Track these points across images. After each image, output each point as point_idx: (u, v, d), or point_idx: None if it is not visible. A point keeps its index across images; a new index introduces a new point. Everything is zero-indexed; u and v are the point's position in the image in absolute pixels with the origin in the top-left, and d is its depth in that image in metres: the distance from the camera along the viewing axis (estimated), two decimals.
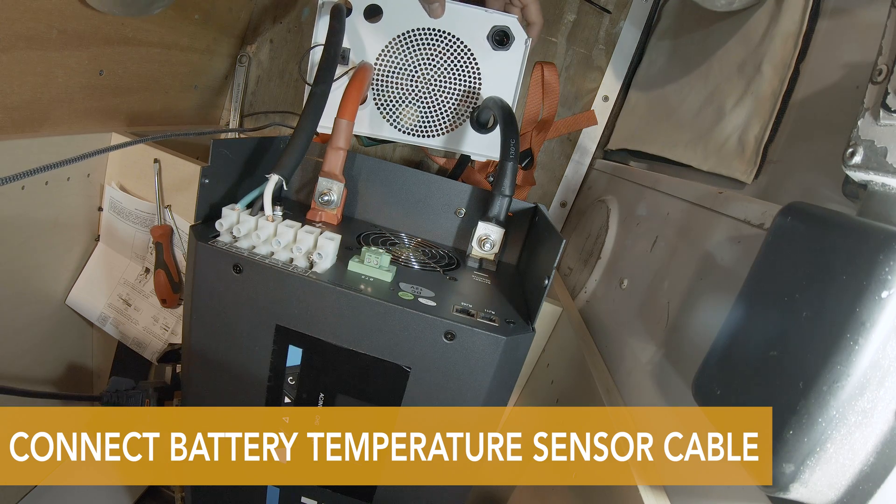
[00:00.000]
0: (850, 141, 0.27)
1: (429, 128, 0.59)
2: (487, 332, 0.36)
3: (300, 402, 0.40)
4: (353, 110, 0.47)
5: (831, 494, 0.22)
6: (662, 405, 0.40)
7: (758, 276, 0.29)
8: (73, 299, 0.76)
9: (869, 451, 0.22)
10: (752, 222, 0.37)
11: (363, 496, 0.43)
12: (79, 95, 0.67)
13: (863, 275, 0.21)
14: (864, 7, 0.43)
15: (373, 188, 0.54)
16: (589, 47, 0.95)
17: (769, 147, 0.49)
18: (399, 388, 0.38)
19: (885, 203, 0.26)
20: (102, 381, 0.87)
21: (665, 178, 0.60)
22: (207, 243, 0.37)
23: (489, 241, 0.48)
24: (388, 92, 0.58)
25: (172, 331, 0.76)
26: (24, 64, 0.57)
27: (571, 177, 1.01)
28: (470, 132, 0.59)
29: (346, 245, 0.44)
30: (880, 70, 0.26)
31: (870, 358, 0.21)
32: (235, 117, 1.06)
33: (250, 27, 1.02)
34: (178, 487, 0.71)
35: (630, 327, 0.51)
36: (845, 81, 0.42)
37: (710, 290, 0.40)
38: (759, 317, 0.28)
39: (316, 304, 0.37)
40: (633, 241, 0.60)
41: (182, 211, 0.70)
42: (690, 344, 0.40)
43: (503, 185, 0.47)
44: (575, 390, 0.52)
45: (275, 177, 0.39)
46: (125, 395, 0.60)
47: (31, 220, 0.63)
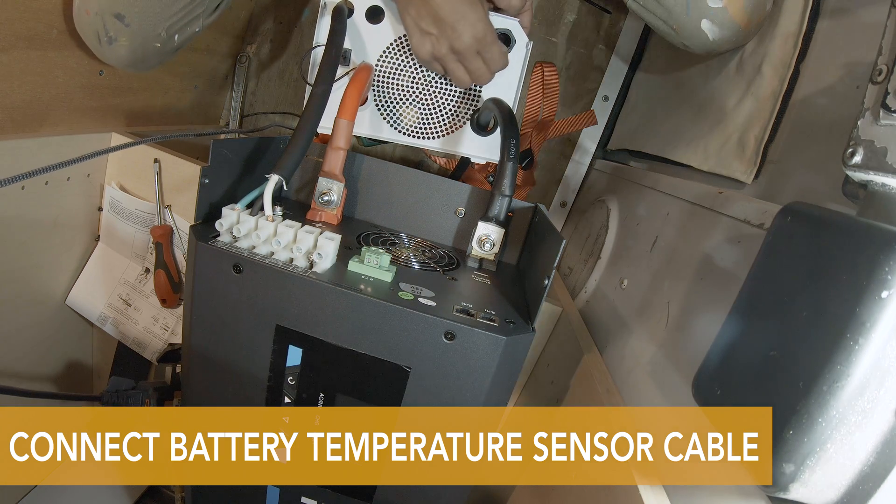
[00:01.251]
0: (850, 141, 0.27)
1: (429, 129, 0.59)
2: (487, 332, 0.36)
3: (300, 402, 0.40)
4: (354, 110, 0.47)
5: (831, 494, 0.22)
6: (662, 405, 0.40)
7: (758, 276, 0.29)
8: (73, 299, 0.76)
9: (869, 451, 0.22)
10: (752, 222, 0.37)
11: (363, 496, 0.43)
12: (79, 95, 0.67)
13: (863, 275, 0.21)
14: (864, 7, 0.43)
15: (373, 188, 0.54)
16: (589, 47, 0.95)
17: (769, 147, 0.49)
18: (399, 388, 0.38)
19: (885, 203, 0.26)
20: (102, 381, 0.87)
21: (665, 178, 0.60)
22: (207, 243, 0.37)
23: (489, 241, 0.48)
24: (389, 93, 0.58)
25: (172, 331, 0.76)
26: (24, 64, 0.57)
27: (571, 177, 1.01)
28: (470, 134, 0.59)
29: (346, 245, 0.44)
30: (880, 70, 0.26)
31: (870, 358, 0.21)
32: (235, 117, 1.07)
33: (250, 27, 1.02)
34: (178, 487, 0.71)
35: (630, 327, 0.51)
36: (845, 81, 0.42)
37: (710, 290, 0.40)
38: (760, 317, 0.28)
39: (316, 304, 0.37)
40: (633, 241, 0.60)
41: (182, 211, 0.70)
42: (690, 344, 0.40)
43: (503, 185, 0.47)
44: (575, 390, 0.52)
45: (275, 177, 0.39)
46: (125, 395, 0.60)
47: (31, 220, 0.63)
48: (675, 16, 0.54)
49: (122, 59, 0.62)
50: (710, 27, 0.53)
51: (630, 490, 0.36)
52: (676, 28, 0.55)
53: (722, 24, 0.53)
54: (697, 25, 0.53)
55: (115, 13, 0.57)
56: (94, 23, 0.58)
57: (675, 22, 0.54)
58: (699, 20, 0.53)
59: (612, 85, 0.95)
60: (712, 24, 0.53)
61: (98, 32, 0.58)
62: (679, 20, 0.54)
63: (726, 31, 0.53)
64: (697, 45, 0.56)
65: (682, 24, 0.54)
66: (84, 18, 0.58)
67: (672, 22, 0.55)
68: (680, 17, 0.54)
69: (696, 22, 0.53)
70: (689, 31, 0.54)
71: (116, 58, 0.62)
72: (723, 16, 0.52)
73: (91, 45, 0.60)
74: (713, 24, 0.53)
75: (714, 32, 0.53)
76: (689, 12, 0.53)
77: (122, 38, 0.59)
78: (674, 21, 0.54)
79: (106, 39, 0.59)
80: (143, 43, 0.60)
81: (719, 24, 0.53)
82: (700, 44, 0.55)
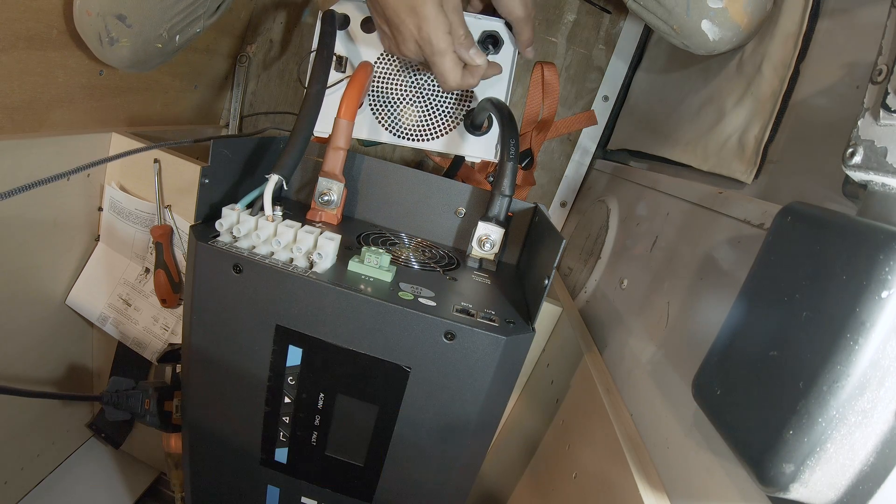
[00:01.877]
0: (850, 141, 0.27)
1: (424, 131, 0.59)
2: (487, 332, 0.36)
3: (300, 402, 0.40)
4: (353, 110, 0.47)
5: (831, 494, 0.22)
6: (662, 405, 0.40)
7: (758, 276, 0.29)
8: (73, 299, 0.76)
9: (869, 451, 0.22)
10: (752, 222, 0.37)
11: (363, 496, 0.43)
12: (79, 95, 0.67)
13: (863, 275, 0.21)
14: (864, 7, 0.43)
15: (373, 188, 0.54)
16: (589, 47, 0.95)
17: (769, 147, 0.49)
18: (399, 388, 0.38)
19: (885, 203, 0.26)
20: (102, 381, 0.87)
21: (665, 178, 0.60)
22: (207, 243, 0.37)
23: (489, 241, 0.48)
24: (385, 98, 0.58)
25: (172, 331, 0.76)
26: (24, 64, 0.57)
27: (571, 177, 1.01)
28: (465, 134, 0.59)
29: (346, 245, 0.44)
30: (880, 70, 0.26)
31: (870, 358, 0.21)
32: (235, 117, 1.06)
33: (250, 27, 1.02)
34: (178, 487, 0.71)
35: (630, 327, 0.51)
36: (845, 81, 0.42)
37: (710, 290, 0.40)
38: (760, 317, 0.28)
39: (316, 304, 0.37)
40: (633, 241, 0.60)
41: (182, 211, 0.70)
42: (690, 344, 0.40)
43: (503, 185, 0.47)
44: (575, 390, 0.52)
45: (275, 177, 0.39)
46: (125, 395, 0.60)
47: (30, 220, 0.63)
48: (676, 16, 0.54)
49: (123, 60, 0.62)
50: (710, 27, 0.53)
51: (630, 490, 0.36)
52: (677, 28, 0.55)
53: (722, 25, 0.53)
54: (698, 26, 0.53)
55: (117, 14, 0.57)
56: (95, 24, 0.58)
57: (675, 22, 0.54)
58: (699, 21, 0.53)
59: (612, 85, 0.95)
60: (713, 24, 0.53)
61: (99, 33, 0.58)
62: (679, 20, 0.54)
63: (727, 32, 0.53)
64: (698, 45, 0.56)
65: (683, 24, 0.54)
66: (85, 19, 0.58)
67: (672, 22, 0.55)
68: (680, 18, 0.54)
69: (697, 22, 0.53)
70: (689, 31, 0.54)
71: (118, 59, 0.62)
72: (723, 16, 0.52)
73: (92, 47, 0.60)
74: (713, 25, 0.53)
75: (714, 33, 0.53)
76: (690, 13, 0.53)
77: (124, 38, 0.59)
78: (674, 21, 0.54)
79: (107, 40, 0.59)
80: (144, 44, 0.60)
81: (720, 25, 0.53)
82: (700, 44, 0.55)
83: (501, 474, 0.64)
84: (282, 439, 0.42)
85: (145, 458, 0.95)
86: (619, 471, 0.39)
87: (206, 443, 0.45)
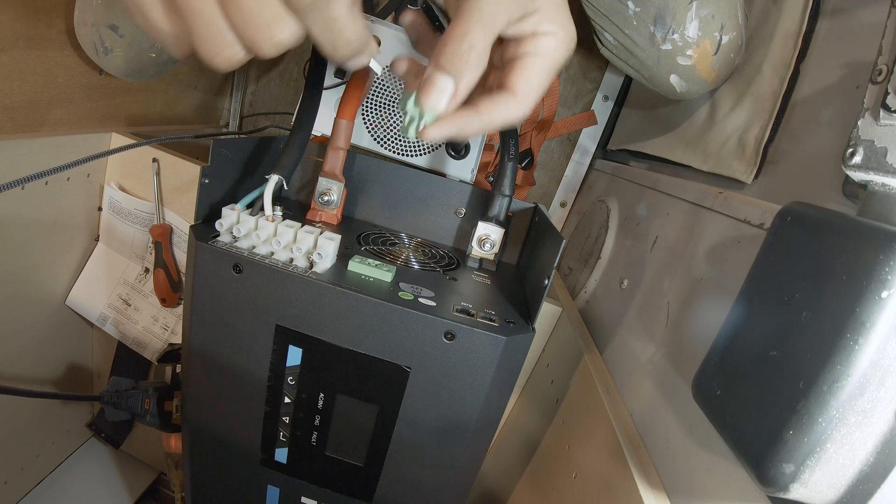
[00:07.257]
0: (850, 141, 0.27)
1: (410, 147, 0.60)
2: (487, 332, 0.36)
3: (300, 402, 0.40)
4: (354, 110, 0.47)
5: (831, 494, 0.22)
6: (662, 405, 0.40)
7: (758, 276, 0.29)
8: (72, 299, 0.76)
9: (869, 451, 0.22)
10: (752, 222, 0.37)
11: (363, 496, 0.43)
12: (79, 95, 0.67)
13: (863, 275, 0.21)
14: (864, 7, 0.43)
15: (373, 188, 0.54)
16: (589, 47, 0.95)
17: (769, 147, 0.49)
18: (399, 388, 0.38)
19: (885, 203, 0.26)
20: (102, 381, 0.87)
21: (665, 178, 0.60)
22: (207, 243, 0.37)
23: (489, 241, 0.48)
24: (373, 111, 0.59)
25: (172, 331, 0.76)
26: (24, 64, 0.57)
27: (571, 177, 1.01)
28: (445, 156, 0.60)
29: (346, 245, 0.44)
30: (880, 70, 0.26)
31: (870, 358, 0.21)
32: (235, 118, 1.07)
33: None
34: (178, 487, 0.71)
35: (630, 327, 0.51)
36: (845, 81, 0.42)
37: (710, 290, 0.40)
38: (760, 317, 0.28)
39: (316, 304, 0.37)
40: (633, 241, 0.60)
41: (182, 211, 0.70)
42: (690, 344, 0.40)
43: (503, 185, 0.47)
44: (575, 390, 0.52)
45: (275, 177, 0.39)
46: (125, 395, 0.60)
47: (30, 220, 0.63)
48: (647, 68, 0.56)
49: (119, 69, 0.63)
50: (678, 81, 0.55)
51: (630, 490, 0.36)
52: (647, 77, 0.58)
53: (690, 80, 0.55)
54: (666, 79, 0.55)
55: (110, 24, 0.58)
56: (90, 34, 0.59)
57: (646, 72, 0.57)
58: (668, 75, 0.55)
59: (612, 85, 0.95)
60: (680, 79, 0.55)
61: (95, 43, 0.59)
62: (650, 72, 0.56)
63: (693, 86, 0.55)
64: (666, 93, 0.58)
65: (653, 75, 0.56)
66: (82, 30, 0.59)
67: (644, 72, 0.57)
68: (651, 70, 0.56)
69: (666, 76, 0.55)
70: (658, 82, 0.57)
71: (114, 68, 0.63)
72: (691, 73, 0.54)
73: (90, 56, 0.62)
74: (681, 80, 0.55)
75: (682, 86, 0.56)
76: (659, 66, 0.55)
77: (118, 48, 0.60)
78: (645, 71, 0.57)
79: (102, 50, 0.60)
80: (137, 54, 0.61)
81: (687, 80, 0.55)
82: (668, 93, 0.58)
83: (501, 474, 0.65)
84: (282, 439, 0.42)
85: (145, 458, 0.95)
86: (619, 471, 0.39)
87: (206, 443, 0.45)
